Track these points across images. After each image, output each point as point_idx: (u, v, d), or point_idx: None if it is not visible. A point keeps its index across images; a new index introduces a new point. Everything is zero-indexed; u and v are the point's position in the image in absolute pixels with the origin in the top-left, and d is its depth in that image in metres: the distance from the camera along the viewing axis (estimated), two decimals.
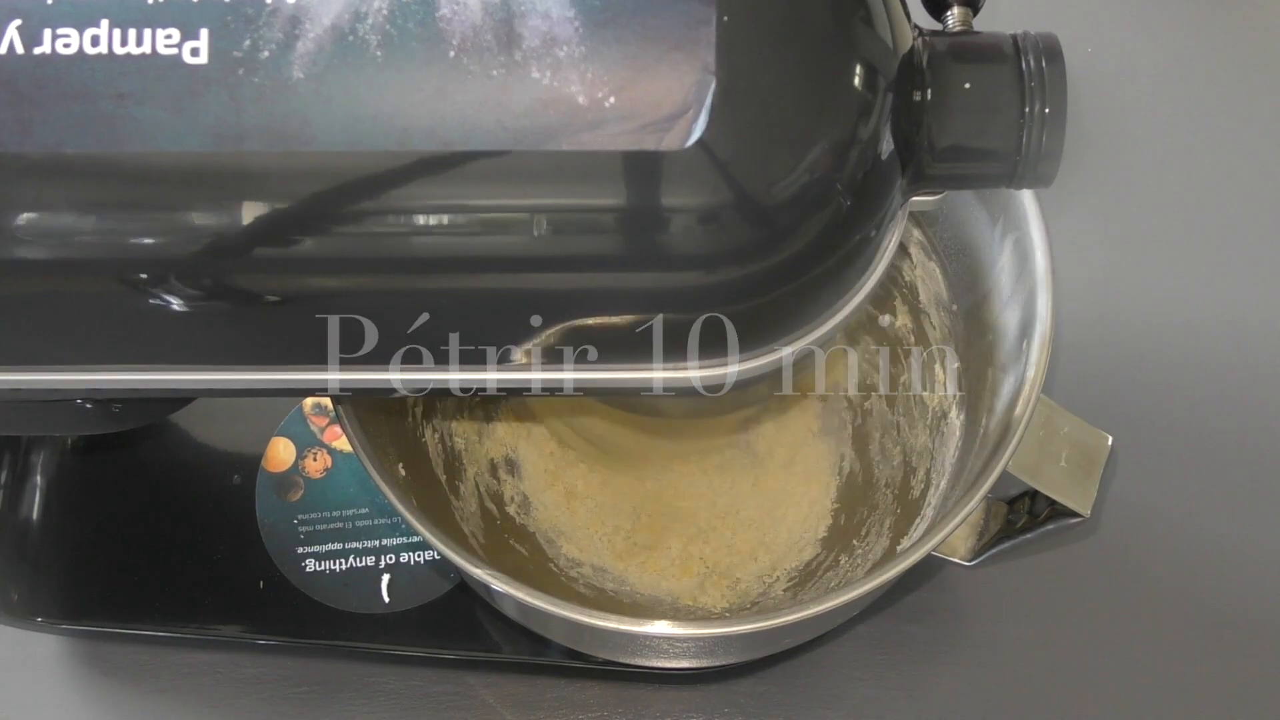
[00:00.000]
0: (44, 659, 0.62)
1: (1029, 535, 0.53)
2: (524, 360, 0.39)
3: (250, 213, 0.33)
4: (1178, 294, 0.69)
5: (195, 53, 0.33)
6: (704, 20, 0.33)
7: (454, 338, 0.38)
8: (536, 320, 0.37)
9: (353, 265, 0.35)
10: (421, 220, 0.34)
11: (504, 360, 0.39)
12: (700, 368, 0.39)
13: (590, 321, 0.37)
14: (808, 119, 0.34)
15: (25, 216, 0.34)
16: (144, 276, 0.35)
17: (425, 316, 0.37)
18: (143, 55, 0.33)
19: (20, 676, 0.62)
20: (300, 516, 0.60)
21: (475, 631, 0.58)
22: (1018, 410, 0.47)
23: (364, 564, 0.59)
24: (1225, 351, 0.68)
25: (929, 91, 0.37)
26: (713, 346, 0.38)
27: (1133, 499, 0.63)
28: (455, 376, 0.40)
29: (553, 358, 0.39)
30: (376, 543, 0.59)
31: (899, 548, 0.57)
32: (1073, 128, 0.37)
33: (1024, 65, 0.37)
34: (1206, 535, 0.64)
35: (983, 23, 0.40)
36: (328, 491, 0.60)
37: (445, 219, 0.34)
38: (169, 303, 0.35)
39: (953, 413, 0.57)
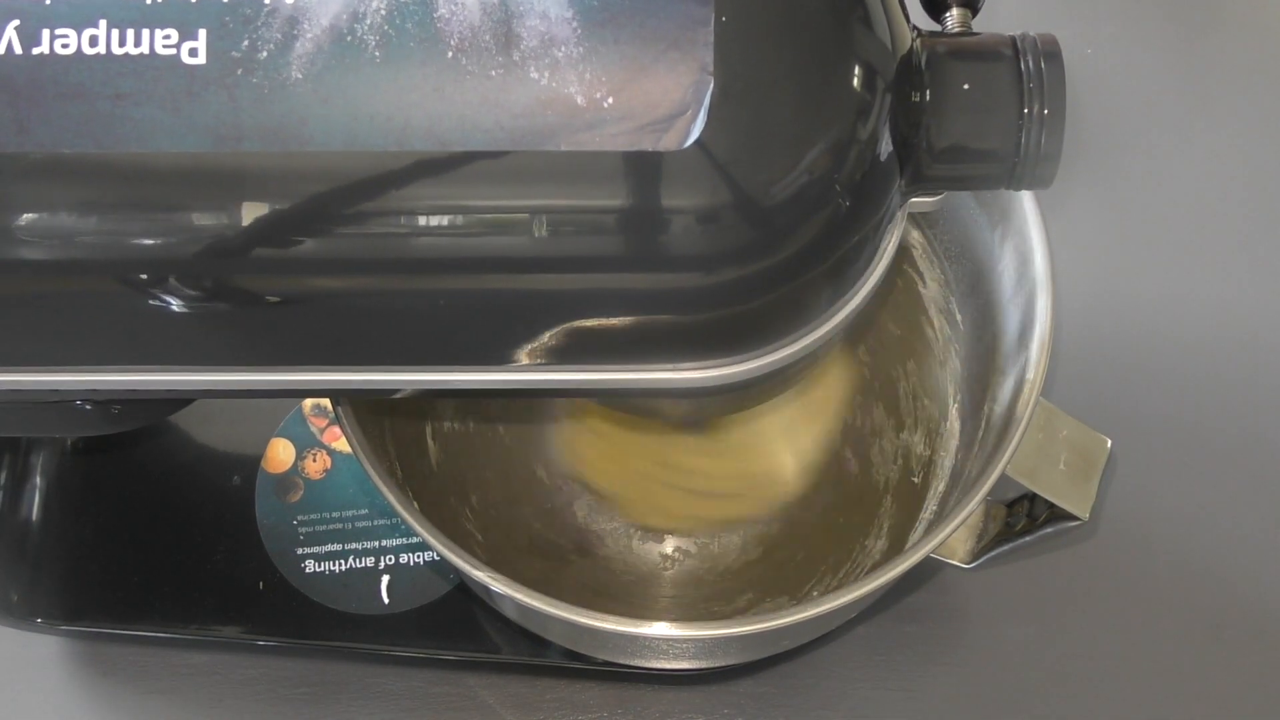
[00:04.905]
0: (44, 659, 0.62)
1: (1028, 538, 0.53)
2: (522, 361, 0.39)
3: (249, 213, 0.33)
4: (1177, 295, 0.69)
5: (193, 53, 0.33)
6: (702, 21, 0.33)
7: (452, 338, 0.38)
8: (534, 321, 0.37)
9: (351, 266, 0.35)
10: (420, 220, 0.34)
11: (502, 361, 0.39)
12: (699, 369, 0.39)
13: (589, 322, 0.37)
14: (806, 120, 0.34)
15: (23, 217, 0.34)
16: (142, 277, 0.35)
17: (423, 317, 0.37)
18: (141, 55, 0.33)
19: (20, 676, 0.62)
20: (300, 517, 0.60)
21: (475, 632, 0.58)
22: (1017, 413, 0.47)
23: (363, 565, 0.59)
24: (1225, 353, 0.68)
25: (927, 92, 0.37)
26: (712, 347, 0.39)
27: (1132, 501, 0.63)
28: (455, 378, 0.40)
29: (550, 359, 0.39)
30: (376, 544, 0.59)
31: (898, 549, 0.57)
32: (1072, 129, 0.37)
33: (1023, 66, 0.37)
34: (1206, 537, 0.64)
35: (981, 24, 0.40)
36: (327, 492, 0.60)
37: (443, 219, 0.34)
38: (167, 303, 0.35)
39: (952, 415, 0.57)
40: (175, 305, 0.36)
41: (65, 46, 0.33)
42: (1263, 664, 0.61)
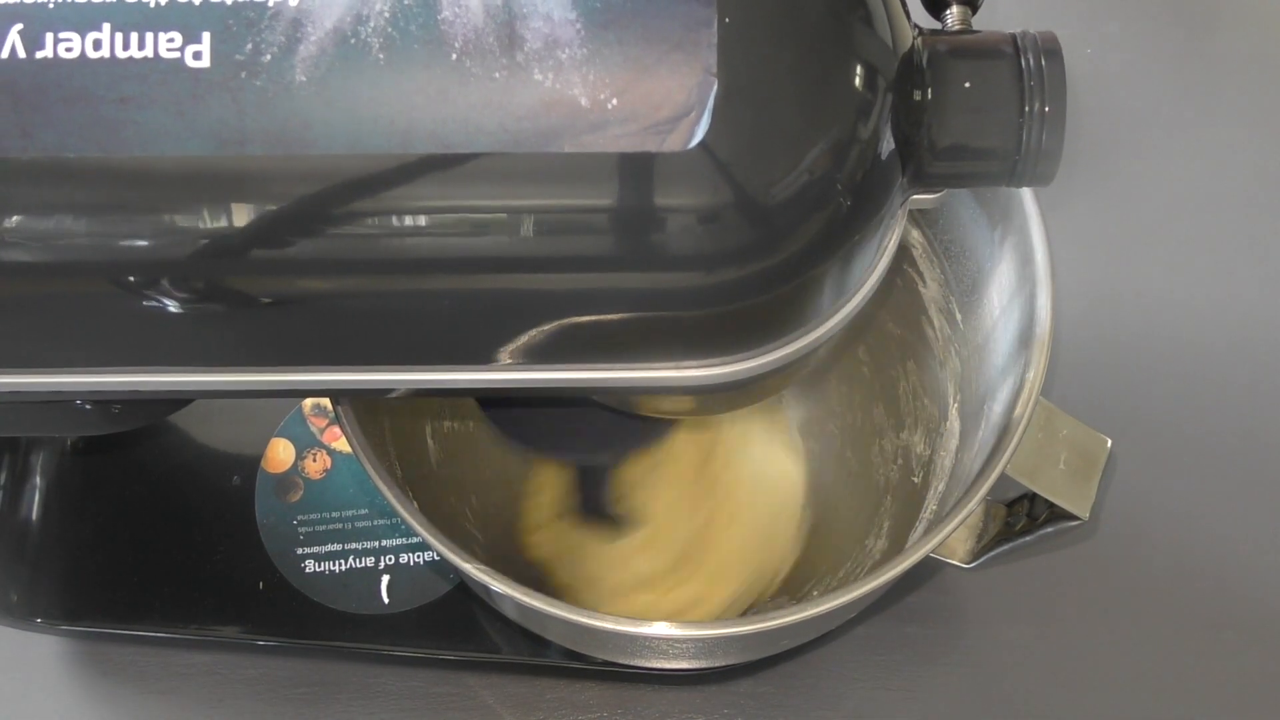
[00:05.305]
0: (44, 659, 0.62)
1: (1027, 538, 0.53)
2: (525, 360, 0.39)
3: (253, 216, 0.33)
4: (1177, 295, 0.70)
5: (198, 56, 0.33)
6: (705, 22, 0.33)
7: (457, 339, 0.38)
8: (537, 321, 0.37)
9: (355, 267, 0.35)
10: (424, 222, 0.34)
11: (506, 361, 0.39)
12: (701, 367, 0.39)
13: (591, 321, 0.37)
14: (809, 119, 0.34)
15: (28, 221, 0.34)
16: (146, 280, 0.35)
17: (429, 318, 0.37)
18: (145, 59, 0.33)
19: (20, 676, 0.62)
20: (300, 517, 0.60)
21: (475, 632, 0.58)
22: (1016, 412, 0.47)
23: (363, 565, 0.59)
24: (1225, 352, 0.68)
25: (929, 91, 0.37)
26: (714, 346, 0.39)
27: (1132, 500, 0.63)
28: (457, 377, 0.40)
29: (553, 358, 0.39)
30: (376, 543, 0.59)
31: (898, 549, 0.57)
32: (1072, 128, 0.37)
33: (1023, 64, 0.37)
34: (1206, 536, 0.64)
35: (982, 22, 0.40)
36: (327, 492, 0.60)
37: (447, 221, 0.34)
38: (171, 305, 0.35)
39: (951, 414, 0.57)
40: (177, 307, 0.35)
41: (69, 50, 0.32)
42: (1262, 664, 0.61)
